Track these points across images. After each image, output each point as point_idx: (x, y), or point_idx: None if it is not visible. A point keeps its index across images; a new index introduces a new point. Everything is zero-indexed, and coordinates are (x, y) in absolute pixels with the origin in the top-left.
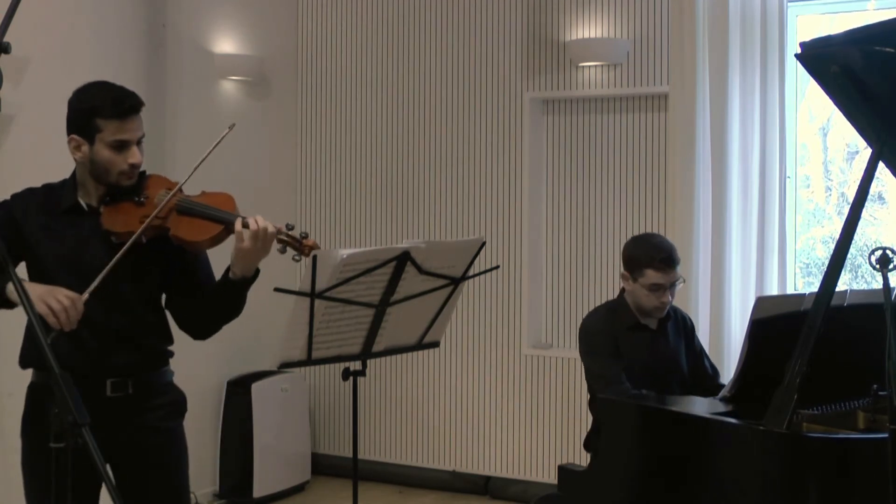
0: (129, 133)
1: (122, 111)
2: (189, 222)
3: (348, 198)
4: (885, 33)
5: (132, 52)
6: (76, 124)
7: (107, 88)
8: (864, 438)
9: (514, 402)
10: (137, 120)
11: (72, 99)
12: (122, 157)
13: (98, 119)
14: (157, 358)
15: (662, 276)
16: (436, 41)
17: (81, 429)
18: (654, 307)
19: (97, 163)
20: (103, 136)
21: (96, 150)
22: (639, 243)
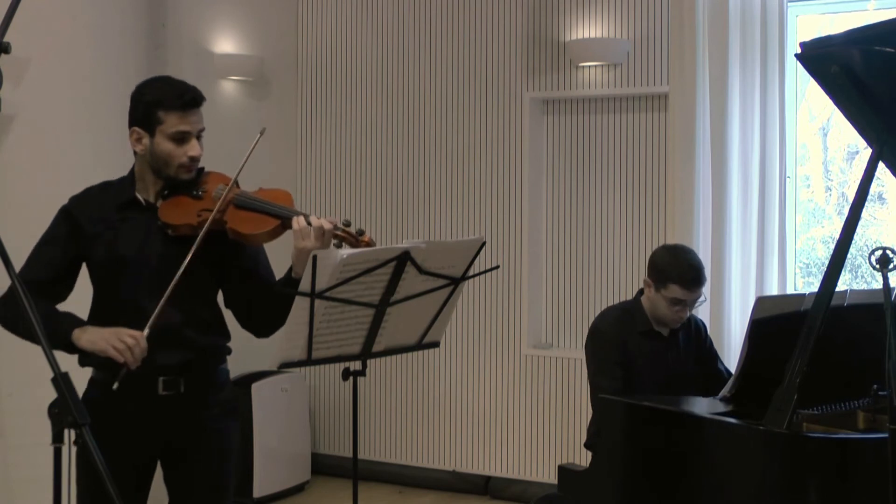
0: (190, 125)
1: (184, 103)
2: (246, 216)
3: (348, 198)
4: (885, 33)
5: (132, 52)
6: (138, 116)
7: (169, 82)
8: (864, 438)
9: (514, 402)
10: (198, 113)
11: (134, 92)
12: (182, 149)
13: (159, 111)
14: (211, 356)
15: (687, 294)
16: (436, 41)
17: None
18: (672, 320)
19: (157, 155)
20: (164, 128)
21: (157, 142)
22: (671, 256)
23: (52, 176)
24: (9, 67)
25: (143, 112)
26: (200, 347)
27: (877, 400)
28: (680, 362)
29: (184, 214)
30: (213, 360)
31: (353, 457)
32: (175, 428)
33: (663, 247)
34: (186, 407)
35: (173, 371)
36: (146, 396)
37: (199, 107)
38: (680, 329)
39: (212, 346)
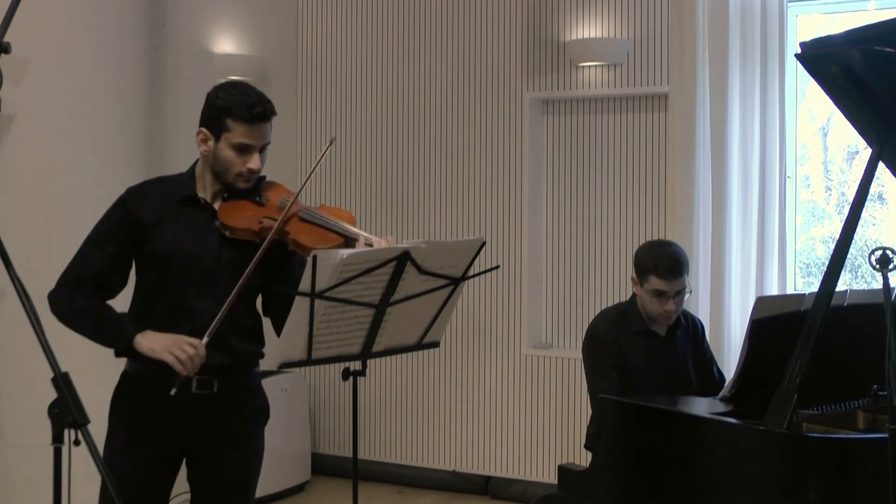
0: (254, 139)
1: (253, 116)
2: (310, 229)
3: (348, 198)
4: (885, 33)
5: (132, 52)
6: (208, 118)
7: (244, 91)
8: (863, 438)
9: (514, 402)
10: (266, 127)
11: (210, 93)
12: (242, 159)
13: (229, 119)
14: (246, 360)
15: (665, 284)
16: (436, 41)
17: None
18: (658, 314)
19: (219, 160)
20: (230, 136)
21: (220, 147)
22: (648, 249)
23: (52, 176)
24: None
25: (213, 115)
26: (238, 352)
27: (877, 400)
28: (678, 361)
29: (245, 219)
30: (248, 363)
31: (353, 457)
32: (204, 427)
33: (645, 242)
34: (217, 408)
35: (209, 372)
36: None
37: (268, 121)
38: (678, 327)
39: (249, 351)
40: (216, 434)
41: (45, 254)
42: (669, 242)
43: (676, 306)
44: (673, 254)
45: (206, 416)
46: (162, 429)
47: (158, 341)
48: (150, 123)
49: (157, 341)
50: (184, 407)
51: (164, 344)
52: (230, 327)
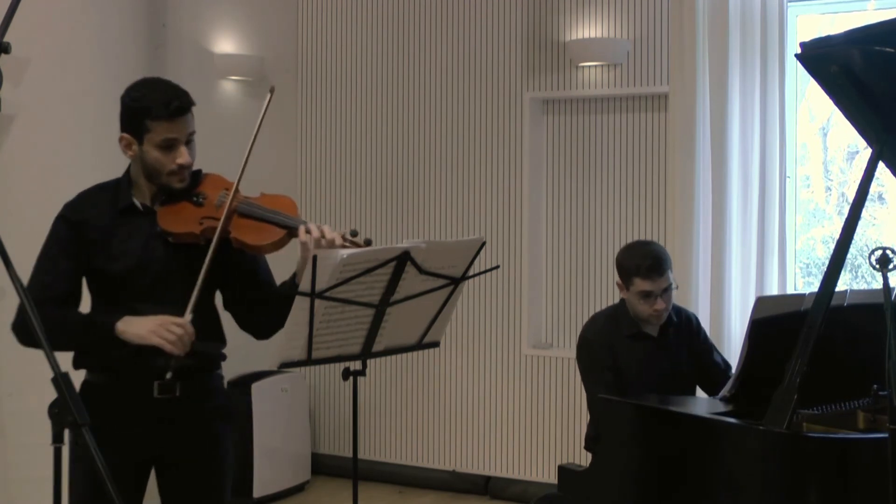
0: (177, 132)
1: (171, 112)
2: (251, 225)
3: (348, 198)
4: (885, 33)
5: (132, 52)
6: (127, 123)
7: (156, 87)
8: (863, 438)
9: (514, 402)
10: (187, 118)
11: (123, 96)
12: (170, 157)
13: (147, 119)
14: (207, 362)
15: (650, 284)
16: (436, 41)
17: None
18: (649, 315)
19: (147, 163)
20: (152, 136)
21: (145, 149)
22: (627, 252)
23: (52, 176)
24: (9, 67)
25: (131, 119)
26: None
27: (877, 400)
28: (672, 362)
29: (185, 222)
30: (209, 365)
31: (353, 457)
32: (170, 431)
33: (623, 246)
34: (181, 411)
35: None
36: (141, 399)
37: (187, 112)
38: (670, 326)
39: (208, 352)
40: (182, 438)
41: None
42: (646, 241)
43: (665, 303)
44: (652, 252)
45: (170, 421)
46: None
47: (142, 326)
48: None
49: (140, 326)
50: (147, 413)
51: (148, 327)
52: None
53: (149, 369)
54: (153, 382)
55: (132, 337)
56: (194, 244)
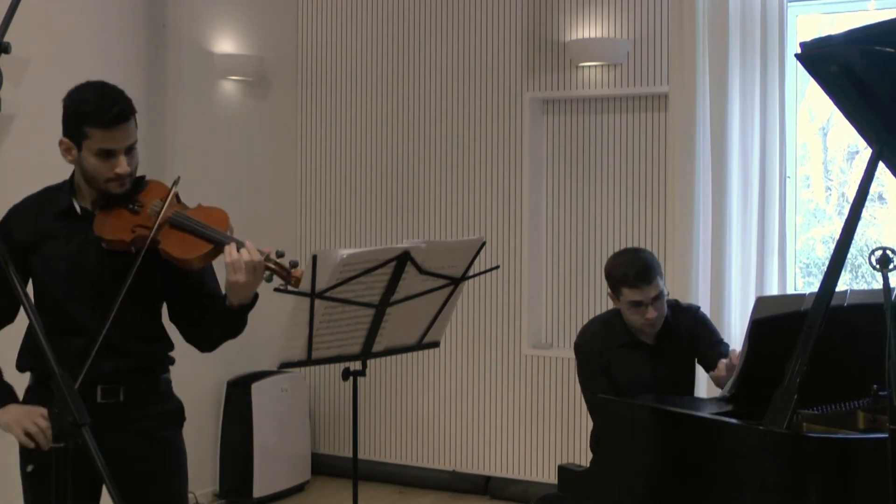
0: (115, 142)
1: (108, 121)
2: (180, 237)
3: (348, 198)
4: (885, 33)
5: (132, 52)
6: (66, 127)
7: (97, 93)
8: (863, 438)
9: (514, 402)
10: (126, 128)
11: (64, 99)
12: (107, 165)
13: (85, 126)
14: (151, 366)
15: (639, 293)
16: (436, 41)
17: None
18: (642, 325)
19: (85, 169)
20: (89, 143)
21: (83, 156)
22: (613, 261)
23: (52, 176)
24: (9, 67)
25: (70, 124)
26: (139, 356)
27: (877, 400)
28: (670, 369)
29: (118, 229)
30: (155, 369)
31: (353, 457)
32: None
33: (611, 255)
34: (126, 415)
35: (112, 380)
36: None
37: (126, 122)
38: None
39: (151, 355)
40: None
41: None
42: (634, 249)
43: (657, 311)
44: (639, 260)
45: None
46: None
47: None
48: (149, 123)
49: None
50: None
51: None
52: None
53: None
54: (97, 387)
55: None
56: (126, 252)
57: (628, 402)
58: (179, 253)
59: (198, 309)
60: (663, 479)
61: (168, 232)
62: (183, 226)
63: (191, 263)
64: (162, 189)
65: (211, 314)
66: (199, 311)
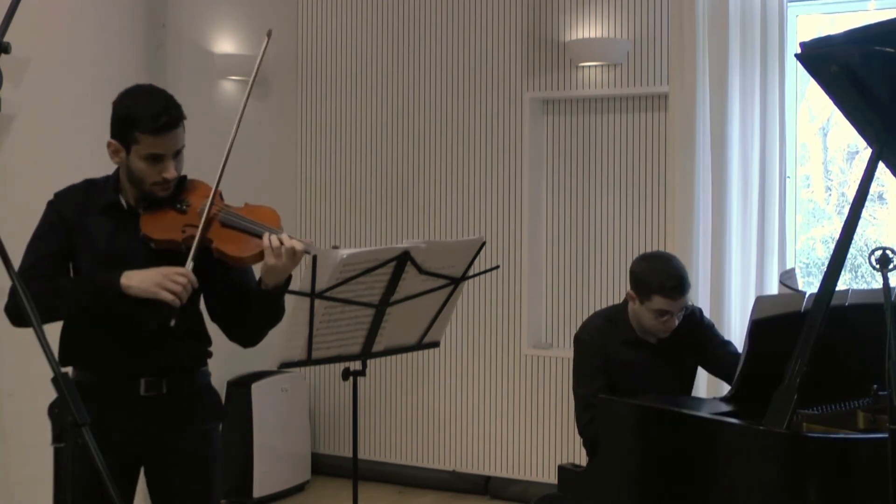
0: (164, 148)
1: (158, 127)
2: (232, 236)
3: (348, 198)
4: (885, 33)
5: (132, 52)
6: (115, 130)
7: (149, 99)
8: (864, 438)
9: (514, 402)
10: (175, 134)
11: (115, 102)
12: (155, 169)
13: (136, 131)
14: (194, 359)
15: (671, 304)
16: (436, 41)
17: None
18: (657, 330)
19: (132, 171)
20: (139, 148)
21: (131, 159)
22: (649, 266)
23: (52, 176)
24: (9, 67)
25: (120, 127)
26: (182, 352)
27: (877, 400)
28: (672, 370)
29: (167, 229)
30: (196, 363)
31: (353, 457)
32: (156, 430)
33: (642, 257)
34: (169, 408)
35: (156, 373)
36: (128, 398)
37: (176, 128)
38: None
39: (193, 349)
40: (169, 435)
41: None
42: (668, 256)
43: (677, 321)
44: (677, 271)
45: (158, 418)
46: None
47: (146, 279)
48: None
49: (144, 280)
50: (134, 411)
51: (152, 280)
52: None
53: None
54: (140, 380)
55: (137, 291)
56: (176, 251)
57: (628, 402)
58: (234, 251)
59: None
60: (663, 480)
61: (219, 231)
62: (234, 223)
63: (245, 262)
64: (206, 188)
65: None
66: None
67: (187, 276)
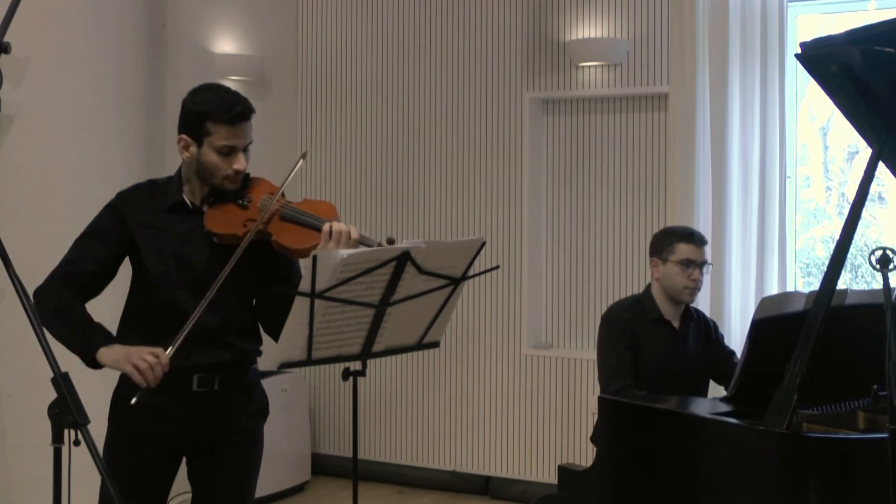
0: (238, 139)
1: (233, 117)
2: (292, 229)
3: (348, 197)
4: (885, 33)
5: (132, 52)
6: (187, 125)
7: (221, 92)
8: (864, 438)
9: (514, 402)
10: (247, 126)
11: (186, 99)
12: (227, 161)
13: (209, 122)
14: (245, 357)
15: (693, 251)
16: (436, 41)
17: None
18: (685, 286)
19: (203, 165)
20: (212, 140)
21: (204, 152)
22: (665, 229)
23: (52, 176)
24: (9, 67)
25: (193, 121)
26: (238, 349)
27: (877, 400)
28: (689, 354)
29: (230, 224)
30: (247, 360)
31: (353, 457)
32: (204, 424)
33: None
34: (218, 405)
35: (210, 369)
36: (181, 391)
37: (248, 120)
38: (690, 321)
39: (247, 349)
40: (217, 430)
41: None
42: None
43: (701, 277)
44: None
45: (207, 413)
46: (164, 427)
47: (121, 352)
48: (149, 123)
49: (119, 352)
50: (185, 405)
51: (122, 353)
52: (224, 324)
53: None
54: (193, 376)
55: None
56: (237, 245)
57: (629, 403)
58: (293, 243)
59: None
60: (663, 479)
61: (279, 225)
62: (294, 218)
63: (305, 254)
64: (267, 185)
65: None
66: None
67: (159, 358)
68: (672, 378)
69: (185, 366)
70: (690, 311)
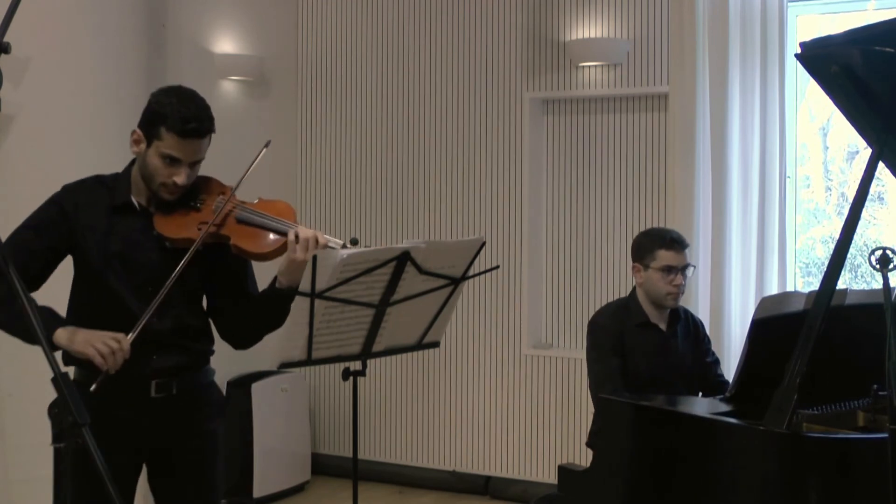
0: (184, 154)
1: (185, 131)
2: (249, 232)
3: (348, 198)
4: (885, 33)
5: (132, 52)
6: (144, 121)
7: (185, 101)
8: (864, 438)
9: (514, 402)
10: (199, 143)
11: (153, 95)
12: (168, 171)
13: (162, 127)
14: (200, 359)
15: (674, 257)
16: (436, 41)
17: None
18: (668, 292)
19: (146, 165)
20: (160, 144)
21: (150, 153)
22: (646, 233)
23: (52, 176)
24: (9, 67)
25: (149, 119)
26: (193, 352)
27: (877, 400)
28: (677, 355)
29: (182, 227)
30: (202, 362)
31: (353, 457)
32: (164, 428)
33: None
34: (176, 408)
35: (167, 374)
36: (139, 398)
37: (202, 138)
38: (677, 321)
39: (200, 349)
40: (176, 433)
41: None
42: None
43: (683, 281)
44: (673, 231)
45: (167, 418)
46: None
47: (79, 335)
48: None
49: (77, 334)
50: (145, 413)
51: (85, 338)
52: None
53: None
54: (151, 382)
55: (65, 343)
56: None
57: (628, 403)
58: (253, 247)
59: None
60: (663, 480)
61: (235, 227)
62: (250, 220)
63: (266, 258)
64: (219, 186)
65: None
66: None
67: (121, 343)
68: (661, 381)
69: (143, 372)
70: (678, 310)
